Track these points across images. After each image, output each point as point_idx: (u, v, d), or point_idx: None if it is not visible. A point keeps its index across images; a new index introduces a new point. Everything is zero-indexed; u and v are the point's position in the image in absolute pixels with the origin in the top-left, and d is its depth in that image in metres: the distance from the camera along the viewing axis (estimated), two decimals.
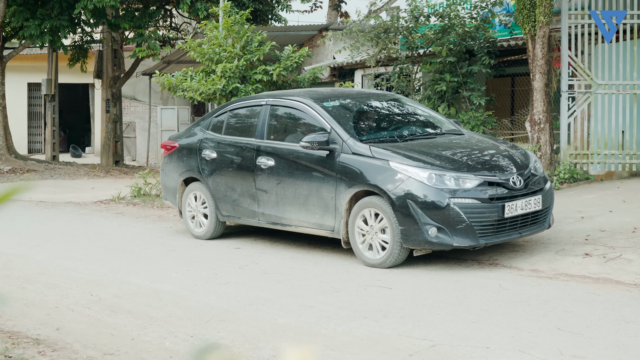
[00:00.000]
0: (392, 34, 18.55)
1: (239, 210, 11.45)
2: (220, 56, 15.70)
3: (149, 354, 6.56)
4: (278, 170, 10.74)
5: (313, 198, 10.28)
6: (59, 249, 11.56)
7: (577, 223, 11.39)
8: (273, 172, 10.82)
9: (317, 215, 10.27)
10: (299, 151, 10.48)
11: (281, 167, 10.71)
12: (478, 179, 9.32)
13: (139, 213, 15.34)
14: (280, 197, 10.73)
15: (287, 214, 10.69)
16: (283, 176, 10.67)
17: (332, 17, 33.52)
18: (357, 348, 6.48)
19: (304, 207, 10.41)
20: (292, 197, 10.55)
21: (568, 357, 6.05)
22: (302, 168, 10.39)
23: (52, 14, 24.34)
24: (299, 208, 10.49)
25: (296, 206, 10.52)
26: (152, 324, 7.43)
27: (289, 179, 10.58)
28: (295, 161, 10.53)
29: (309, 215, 10.39)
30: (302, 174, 10.40)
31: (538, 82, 15.17)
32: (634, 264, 9.01)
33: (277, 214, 10.84)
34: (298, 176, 10.45)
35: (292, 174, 10.54)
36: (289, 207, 10.63)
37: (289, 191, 10.59)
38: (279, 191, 10.73)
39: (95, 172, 25.55)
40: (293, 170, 10.54)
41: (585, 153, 15.75)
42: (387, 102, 11.77)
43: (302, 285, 8.83)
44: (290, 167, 10.59)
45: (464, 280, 8.75)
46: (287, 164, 10.64)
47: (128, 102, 34.55)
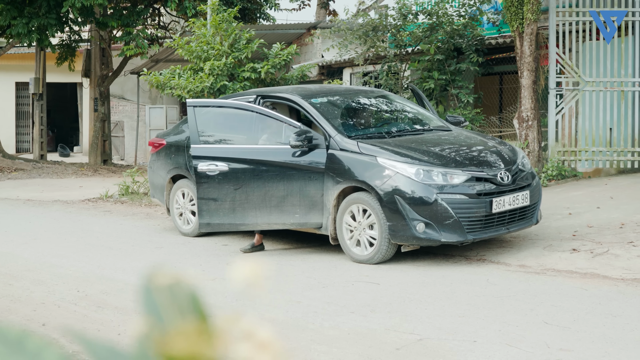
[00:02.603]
0: (381, 32, 18.53)
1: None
2: (208, 54, 15.68)
3: None
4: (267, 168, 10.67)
5: (294, 198, 10.17)
6: (46, 247, 11.51)
7: (565, 219, 11.41)
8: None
9: (298, 215, 10.19)
10: (286, 149, 10.39)
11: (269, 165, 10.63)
12: (466, 175, 9.32)
13: (126, 211, 15.30)
14: (247, 199, 10.53)
15: (252, 217, 10.48)
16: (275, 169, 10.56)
17: (320, 15, 33.51)
18: (344, 342, 6.47)
19: (279, 208, 10.27)
20: (262, 198, 10.37)
21: (555, 350, 6.05)
22: (289, 165, 10.31)
23: (39, 13, 24.24)
24: (279, 209, 10.31)
25: (273, 207, 10.34)
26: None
27: (280, 173, 10.48)
28: (281, 159, 10.43)
29: (286, 217, 10.25)
30: (287, 172, 10.28)
31: (526, 79, 15.18)
32: (621, 259, 9.02)
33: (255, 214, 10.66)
34: (286, 171, 10.33)
35: (278, 172, 10.42)
36: (255, 210, 10.44)
37: (266, 192, 10.40)
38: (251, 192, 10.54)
39: (83, 171, 25.48)
40: (278, 167, 10.42)
41: (573, 150, 15.77)
42: (375, 99, 11.78)
43: (290, 281, 8.81)
44: (275, 165, 10.46)
45: (451, 276, 8.75)
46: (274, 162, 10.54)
47: (116, 101, 34.46)
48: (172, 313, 0.85)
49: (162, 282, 0.87)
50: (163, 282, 0.87)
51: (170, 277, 0.87)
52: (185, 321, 0.85)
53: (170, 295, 0.86)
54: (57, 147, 36.92)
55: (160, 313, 0.85)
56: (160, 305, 0.85)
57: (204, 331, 0.85)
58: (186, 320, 0.85)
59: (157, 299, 0.86)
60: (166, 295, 0.86)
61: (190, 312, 0.86)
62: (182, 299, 0.86)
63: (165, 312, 0.85)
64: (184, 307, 0.86)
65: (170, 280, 0.87)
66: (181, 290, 0.86)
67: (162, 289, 0.86)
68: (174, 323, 0.84)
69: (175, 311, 0.85)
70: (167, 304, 0.85)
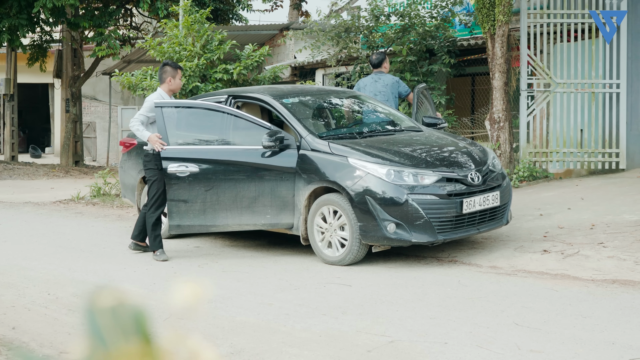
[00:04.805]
0: (353, 34, 18.57)
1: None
2: (180, 55, 15.63)
3: None
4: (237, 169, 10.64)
5: (265, 198, 10.15)
6: (16, 249, 11.43)
7: (536, 220, 11.46)
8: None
9: (269, 216, 10.17)
10: (257, 150, 10.36)
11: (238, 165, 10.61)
12: (436, 175, 9.34)
13: (98, 213, 15.23)
14: (223, 199, 10.51)
15: (223, 218, 10.46)
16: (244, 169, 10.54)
17: (293, 16, 33.50)
18: (315, 345, 6.46)
19: (256, 205, 10.26)
20: (233, 199, 10.35)
21: (525, 351, 6.07)
22: (260, 166, 10.28)
23: (10, 13, 24.09)
24: (250, 210, 10.30)
25: (244, 208, 10.33)
26: None
27: (251, 174, 10.45)
28: (252, 160, 10.40)
29: (258, 217, 10.24)
30: (258, 173, 10.25)
31: (497, 81, 15.24)
32: (591, 260, 9.07)
33: (228, 215, 10.65)
34: (258, 172, 10.31)
35: (249, 173, 10.39)
36: (226, 212, 10.42)
37: (237, 193, 10.38)
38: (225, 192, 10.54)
39: (55, 172, 25.35)
40: (249, 168, 10.39)
41: (545, 151, 15.85)
42: (347, 99, 11.79)
43: (261, 283, 8.80)
44: (245, 165, 10.44)
45: (423, 277, 8.77)
46: (245, 162, 10.52)
47: (88, 102, 34.33)
48: (115, 335, 0.83)
49: (106, 303, 0.86)
50: (106, 303, 0.86)
51: (114, 298, 0.86)
52: (128, 343, 0.84)
53: (114, 316, 0.84)
54: (29, 148, 36.74)
55: (103, 335, 0.84)
56: (103, 326, 0.84)
57: (147, 353, 0.84)
58: (129, 342, 0.84)
59: (100, 320, 0.85)
60: (109, 317, 0.84)
61: (134, 333, 0.85)
62: (126, 320, 0.85)
63: (108, 334, 0.84)
64: (127, 328, 0.85)
65: (113, 301, 0.86)
66: (125, 311, 0.85)
67: (105, 311, 0.85)
68: (116, 345, 0.83)
69: (118, 333, 0.84)
70: (110, 326, 0.84)
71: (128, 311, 0.86)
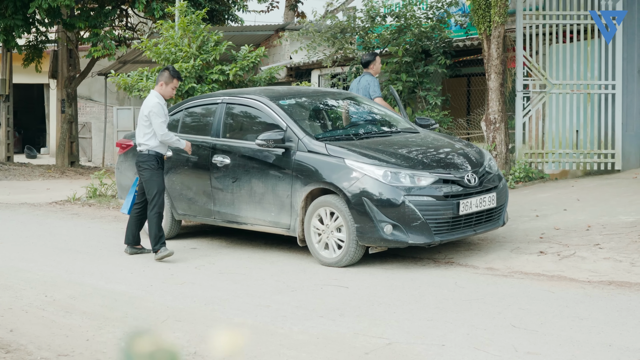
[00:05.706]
0: (349, 34, 18.56)
1: (194, 209, 11.40)
2: (176, 56, 15.64)
3: (104, 354, 6.50)
4: (234, 169, 10.70)
5: (269, 196, 10.25)
6: (13, 250, 11.42)
7: (532, 221, 11.48)
8: (229, 170, 10.77)
9: (273, 214, 10.25)
10: (254, 149, 10.45)
11: (237, 166, 10.66)
12: (433, 177, 9.35)
13: (94, 214, 15.22)
14: (236, 196, 10.68)
15: (243, 212, 10.65)
16: (239, 174, 10.62)
17: (288, 17, 33.49)
18: (313, 347, 6.47)
19: (260, 205, 10.39)
20: (248, 196, 10.51)
21: (523, 353, 6.09)
22: (258, 166, 10.37)
23: (6, 13, 24.07)
24: (254, 206, 10.46)
25: (252, 204, 10.49)
26: (107, 324, 7.37)
27: (245, 177, 10.54)
28: (251, 159, 10.49)
29: (264, 214, 10.36)
30: (258, 172, 10.37)
31: (493, 82, 15.26)
32: (587, 261, 9.09)
33: (233, 212, 10.79)
34: (254, 174, 10.42)
35: (248, 172, 10.50)
36: (244, 205, 10.59)
37: (244, 189, 10.55)
38: (235, 189, 10.68)
39: (51, 173, 25.33)
40: (249, 168, 10.50)
41: (540, 152, 15.87)
42: (343, 101, 11.81)
43: (259, 285, 8.81)
44: (246, 166, 10.55)
45: (419, 279, 8.78)
46: (242, 162, 10.60)
47: (84, 103, 34.30)
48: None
49: (143, 348, 0.87)
50: (144, 348, 0.87)
51: (151, 343, 0.88)
52: None
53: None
54: (24, 148, 36.70)
55: None
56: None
57: None
58: None
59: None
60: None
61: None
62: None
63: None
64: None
65: (151, 347, 0.87)
66: (161, 356, 0.86)
67: (143, 355, 0.86)
68: None
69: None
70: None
71: (164, 356, 0.87)
